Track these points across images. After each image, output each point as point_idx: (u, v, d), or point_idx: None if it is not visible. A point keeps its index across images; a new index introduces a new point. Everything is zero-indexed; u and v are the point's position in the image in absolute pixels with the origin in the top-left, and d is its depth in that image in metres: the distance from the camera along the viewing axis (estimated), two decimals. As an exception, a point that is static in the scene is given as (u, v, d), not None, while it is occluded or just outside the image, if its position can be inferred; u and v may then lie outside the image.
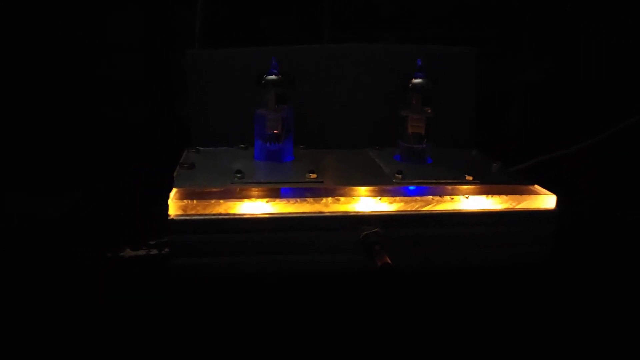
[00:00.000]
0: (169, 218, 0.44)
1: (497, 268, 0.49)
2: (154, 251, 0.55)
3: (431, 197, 0.47)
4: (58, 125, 0.83)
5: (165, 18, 0.86)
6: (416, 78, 0.55)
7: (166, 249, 0.51)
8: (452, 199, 0.48)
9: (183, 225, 0.44)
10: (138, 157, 0.81)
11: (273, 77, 0.53)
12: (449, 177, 0.52)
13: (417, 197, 0.47)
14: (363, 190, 0.48)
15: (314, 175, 0.50)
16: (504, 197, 0.49)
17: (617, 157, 0.84)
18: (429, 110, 0.56)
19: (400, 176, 0.50)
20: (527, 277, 0.49)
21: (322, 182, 0.49)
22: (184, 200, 0.44)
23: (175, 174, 0.51)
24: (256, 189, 0.47)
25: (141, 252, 0.55)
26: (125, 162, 0.79)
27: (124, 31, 0.86)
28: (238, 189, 0.47)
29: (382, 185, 0.49)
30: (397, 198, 0.47)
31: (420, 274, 0.48)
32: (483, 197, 0.48)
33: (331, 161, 0.57)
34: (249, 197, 0.46)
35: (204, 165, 0.54)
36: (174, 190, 0.46)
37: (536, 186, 0.51)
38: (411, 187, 0.49)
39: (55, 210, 0.63)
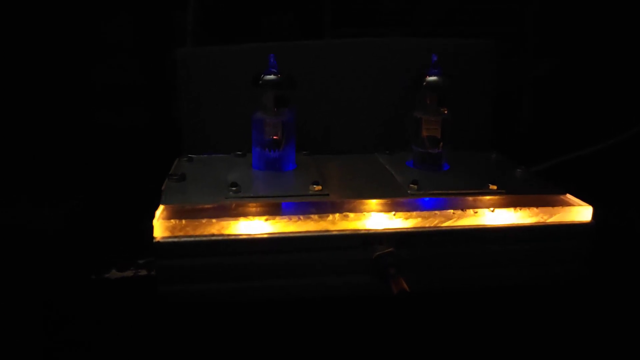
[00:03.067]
0: (154, 241, 0.39)
1: (529, 289, 0.44)
2: (143, 272, 0.50)
3: (452, 210, 0.42)
4: (49, 132, 0.77)
5: (161, 19, 0.81)
6: (431, 75, 0.50)
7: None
8: (476, 212, 0.42)
9: (170, 248, 0.39)
10: (131, 164, 0.76)
11: (271, 77, 0.48)
12: (471, 186, 0.46)
13: (436, 212, 0.42)
14: (374, 203, 0.43)
15: (318, 187, 0.44)
16: (534, 209, 0.43)
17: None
18: (446, 111, 0.50)
19: (415, 187, 0.45)
20: (562, 298, 0.44)
21: (328, 194, 0.44)
22: (172, 220, 0.39)
23: (163, 187, 0.45)
24: (253, 205, 0.42)
25: (128, 274, 0.49)
26: (118, 170, 0.74)
27: (118, 33, 0.80)
28: (233, 205, 0.42)
29: (396, 197, 0.44)
30: (414, 213, 0.42)
31: (442, 298, 0.43)
32: (510, 210, 0.43)
33: (337, 169, 0.51)
34: (245, 214, 0.40)
35: (196, 175, 0.48)
36: (161, 207, 0.41)
37: (568, 195, 0.46)
38: (429, 200, 0.44)
39: (44, 222, 0.58)
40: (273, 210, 0.41)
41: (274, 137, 0.49)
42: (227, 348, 0.38)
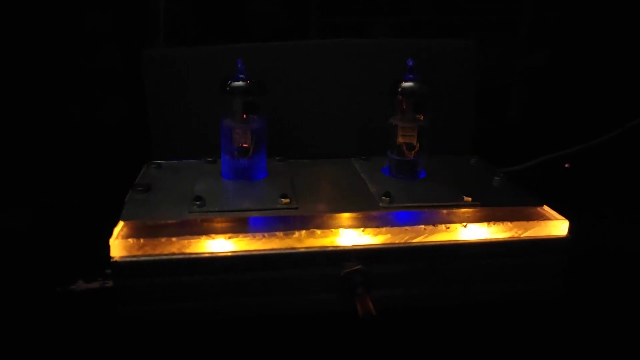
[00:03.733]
0: (111, 260, 0.37)
1: (503, 306, 0.42)
2: (110, 283, 0.48)
3: (423, 226, 0.40)
4: (23, 128, 0.75)
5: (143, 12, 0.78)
6: (406, 81, 0.48)
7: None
8: (448, 228, 0.41)
9: (128, 268, 0.37)
10: (106, 160, 0.74)
11: (239, 83, 0.46)
12: (445, 197, 0.45)
13: (407, 227, 0.40)
14: (344, 218, 0.41)
15: (286, 201, 0.43)
16: (509, 224, 0.42)
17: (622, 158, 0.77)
18: (422, 118, 0.49)
19: (387, 199, 0.43)
20: (537, 316, 0.42)
21: (297, 208, 0.42)
22: (129, 240, 0.37)
23: (126, 199, 0.44)
24: (217, 220, 0.40)
25: (95, 285, 0.48)
26: (90, 168, 0.72)
27: (98, 27, 0.78)
28: (196, 221, 0.40)
29: (367, 210, 0.42)
30: (384, 229, 0.40)
31: (412, 315, 0.41)
32: (484, 225, 0.41)
33: (310, 177, 0.50)
34: (207, 231, 0.39)
35: (162, 185, 0.46)
36: (120, 224, 0.39)
37: (546, 208, 0.44)
38: (400, 213, 0.42)
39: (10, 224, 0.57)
40: (238, 225, 0.40)
41: (243, 145, 0.47)
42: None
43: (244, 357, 0.38)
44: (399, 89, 0.48)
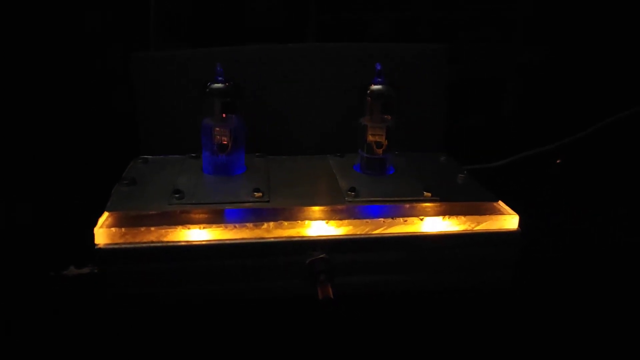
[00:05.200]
0: (95, 247, 0.41)
1: (455, 294, 0.46)
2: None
3: (382, 219, 0.44)
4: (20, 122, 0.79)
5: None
6: (375, 84, 0.51)
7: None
8: (406, 221, 0.44)
9: (111, 254, 0.41)
10: (97, 160, 0.78)
11: (218, 85, 0.49)
12: (407, 193, 0.48)
13: (368, 220, 0.44)
14: (311, 211, 0.45)
15: (259, 194, 0.46)
16: (463, 217, 0.45)
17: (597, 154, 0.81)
18: (390, 118, 0.52)
19: (353, 194, 0.47)
20: (488, 304, 0.46)
21: (268, 201, 0.46)
22: (112, 228, 0.41)
23: (112, 191, 0.48)
24: (194, 211, 0.44)
25: (85, 270, 0.52)
26: (83, 163, 0.76)
27: (96, 26, 0.81)
28: (175, 212, 0.44)
29: (333, 204, 0.46)
30: (346, 221, 0.44)
31: (371, 301, 0.45)
32: (439, 218, 0.45)
33: (286, 172, 0.53)
34: (185, 221, 0.42)
35: (147, 179, 0.50)
36: (104, 215, 0.43)
37: (500, 203, 0.48)
38: (364, 207, 0.46)
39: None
40: (213, 217, 0.44)
41: (223, 142, 0.51)
42: (168, 346, 0.41)
43: (217, 337, 0.42)
44: (368, 92, 0.51)
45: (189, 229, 0.42)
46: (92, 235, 0.41)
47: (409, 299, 0.46)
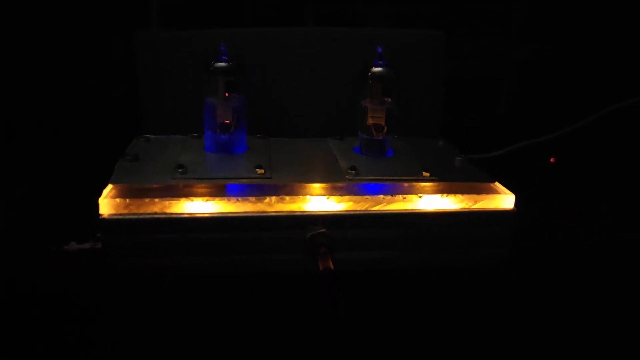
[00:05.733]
0: (100, 217, 0.42)
1: (452, 271, 0.47)
2: (100, 244, 0.53)
3: (382, 196, 0.45)
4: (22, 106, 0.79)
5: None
6: (376, 66, 0.52)
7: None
8: (405, 198, 0.45)
9: (115, 225, 0.42)
10: (99, 140, 0.78)
11: (222, 64, 0.50)
12: (406, 172, 0.49)
13: (368, 196, 0.45)
14: (312, 187, 0.46)
15: (261, 171, 0.47)
16: (460, 196, 0.46)
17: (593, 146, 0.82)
18: (389, 100, 0.53)
19: (353, 172, 0.48)
20: (483, 281, 0.47)
21: (270, 177, 0.47)
22: (117, 199, 0.42)
23: (116, 167, 0.48)
24: (197, 186, 0.45)
25: (86, 246, 0.52)
26: (85, 147, 0.76)
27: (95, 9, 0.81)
28: (178, 186, 0.45)
29: (333, 182, 0.47)
30: (346, 197, 0.45)
31: (370, 277, 0.46)
32: (438, 196, 0.46)
33: (286, 153, 0.54)
34: (188, 194, 0.43)
35: (149, 156, 0.51)
36: (109, 187, 0.44)
37: (497, 184, 0.49)
38: (364, 185, 0.47)
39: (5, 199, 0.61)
40: (216, 191, 0.44)
41: (225, 121, 0.52)
42: (169, 317, 0.42)
43: (218, 309, 0.43)
44: (369, 74, 0.52)
45: (192, 201, 0.42)
46: (97, 206, 0.42)
47: (406, 276, 0.46)
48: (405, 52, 0.60)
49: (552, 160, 0.82)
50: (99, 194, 0.43)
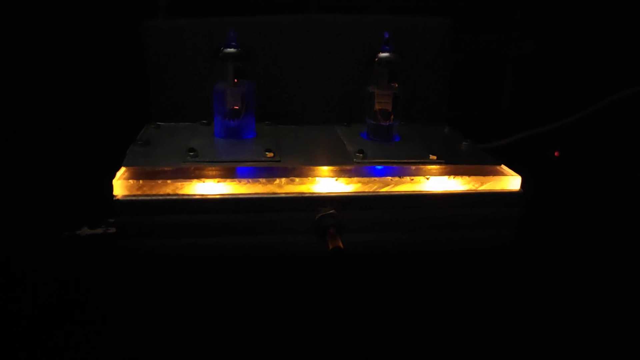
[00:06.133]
0: (114, 198, 0.42)
1: (458, 253, 0.48)
2: (112, 230, 0.54)
3: (390, 177, 0.45)
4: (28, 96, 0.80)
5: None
6: (383, 52, 0.53)
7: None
8: (412, 180, 0.46)
9: (128, 206, 0.42)
10: (110, 129, 0.79)
11: (231, 50, 0.51)
12: (413, 156, 0.50)
13: (376, 178, 0.45)
14: (320, 170, 0.46)
15: (270, 154, 0.48)
16: (467, 178, 0.47)
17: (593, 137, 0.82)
18: (396, 85, 0.54)
19: (361, 155, 0.49)
20: (490, 262, 0.48)
21: (279, 161, 0.48)
22: (130, 180, 0.43)
23: (128, 151, 0.49)
24: (208, 169, 0.46)
25: (99, 231, 0.53)
26: (97, 136, 0.77)
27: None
28: (190, 168, 0.45)
29: (342, 165, 0.47)
30: (355, 179, 0.45)
31: (379, 258, 0.47)
32: (445, 178, 0.46)
33: (294, 139, 0.55)
34: (199, 177, 0.44)
35: (160, 141, 0.52)
36: (122, 169, 0.45)
37: (503, 166, 0.49)
38: (371, 167, 0.47)
39: (18, 186, 0.62)
40: (225, 174, 0.45)
41: (235, 107, 0.52)
42: (179, 299, 0.42)
43: (228, 290, 0.44)
44: (376, 59, 0.53)
45: (203, 182, 0.43)
46: (110, 189, 0.43)
47: (414, 258, 0.47)
48: (411, 39, 0.61)
49: (556, 154, 0.82)
50: (111, 179, 0.44)
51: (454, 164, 0.49)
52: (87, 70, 0.82)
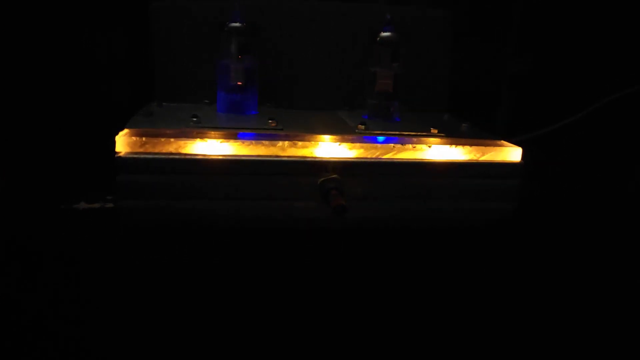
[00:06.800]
0: (116, 155, 0.42)
1: (461, 222, 0.48)
2: (110, 205, 0.53)
3: (392, 144, 0.46)
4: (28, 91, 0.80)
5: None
6: (384, 32, 0.54)
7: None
8: (414, 147, 0.46)
9: (131, 163, 0.42)
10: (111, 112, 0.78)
11: (236, 24, 0.52)
12: (414, 129, 0.50)
13: (378, 145, 0.46)
14: (323, 137, 0.47)
15: (273, 123, 0.48)
16: (468, 147, 0.47)
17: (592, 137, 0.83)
18: (396, 66, 0.55)
19: (363, 127, 0.49)
20: (489, 234, 0.48)
21: (282, 129, 0.48)
22: (132, 137, 0.43)
23: (130, 120, 0.49)
24: (211, 133, 0.46)
25: (96, 205, 0.53)
26: (98, 121, 0.77)
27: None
28: (193, 132, 0.45)
29: (344, 134, 0.48)
30: (357, 144, 0.45)
31: (379, 224, 0.46)
32: (447, 147, 0.47)
33: (296, 116, 0.55)
34: (203, 137, 0.44)
35: (164, 115, 0.52)
36: (125, 130, 0.45)
37: (502, 142, 0.50)
38: (373, 137, 0.48)
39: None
40: (228, 136, 0.45)
41: (238, 83, 0.53)
42: (180, 265, 0.42)
43: (227, 253, 0.43)
44: (378, 39, 0.54)
45: (206, 141, 0.43)
46: (114, 143, 0.43)
47: (415, 232, 0.47)
48: (413, 28, 0.62)
49: None
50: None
51: (455, 137, 0.49)
52: (87, 75, 0.83)
